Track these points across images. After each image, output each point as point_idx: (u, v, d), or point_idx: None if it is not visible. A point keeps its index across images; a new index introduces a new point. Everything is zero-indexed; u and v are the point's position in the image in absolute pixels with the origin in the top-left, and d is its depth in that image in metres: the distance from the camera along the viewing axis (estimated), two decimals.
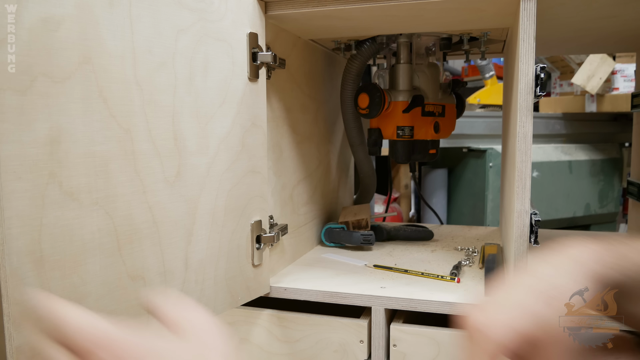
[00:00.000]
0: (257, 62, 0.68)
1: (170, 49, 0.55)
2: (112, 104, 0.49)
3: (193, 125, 0.59)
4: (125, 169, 0.51)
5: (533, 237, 0.61)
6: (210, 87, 0.61)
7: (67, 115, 0.45)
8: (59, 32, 0.44)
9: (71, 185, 0.46)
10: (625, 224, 2.24)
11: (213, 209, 0.63)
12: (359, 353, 0.70)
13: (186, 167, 0.58)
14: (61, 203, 0.45)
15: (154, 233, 0.55)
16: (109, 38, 0.49)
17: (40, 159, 0.43)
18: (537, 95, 0.59)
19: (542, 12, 0.66)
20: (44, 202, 0.44)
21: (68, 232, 0.46)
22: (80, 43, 0.46)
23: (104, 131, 0.49)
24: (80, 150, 0.47)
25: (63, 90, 0.45)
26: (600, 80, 1.95)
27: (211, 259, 0.63)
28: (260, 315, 0.74)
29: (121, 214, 0.51)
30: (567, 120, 2.11)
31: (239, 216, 0.67)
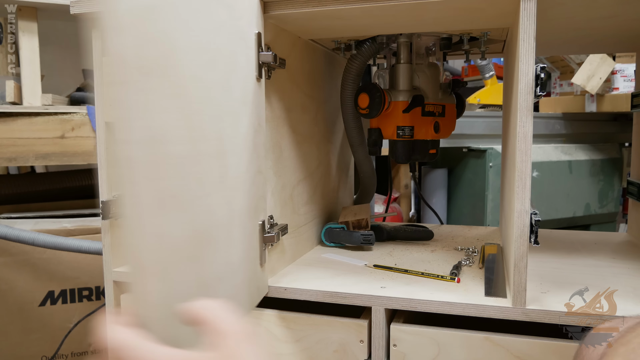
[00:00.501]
0: (259, 62, 0.68)
1: (214, 45, 0.54)
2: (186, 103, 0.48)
3: (229, 125, 0.58)
4: (193, 170, 0.50)
5: (533, 237, 0.61)
6: (237, 86, 0.61)
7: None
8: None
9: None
10: (625, 224, 2.24)
11: (240, 210, 0.63)
12: (359, 353, 0.70)
13: (226, 168, 0.58)
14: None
15: (213, 237, 0.54)
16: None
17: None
18: (537, 95, 0.59)
19: (542, 12, 0.66)
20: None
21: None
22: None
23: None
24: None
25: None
26: (600, 80, 1.95)
27: (242, 262, 0.63)
28: (260, 315, 0.74)
29: (197, 218, 0.50)
30: (567, 120, 2.11)
31: (253, 217, 0.68)
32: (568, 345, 0.61)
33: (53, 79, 1.73)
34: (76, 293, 1.29)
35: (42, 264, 1.25)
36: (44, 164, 1.28)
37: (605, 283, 0.72)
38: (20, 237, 1.12)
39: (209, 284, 0.52)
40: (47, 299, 1.26)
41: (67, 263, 1.27)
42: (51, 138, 1.26)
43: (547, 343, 0.62)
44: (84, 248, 1.10)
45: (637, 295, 0.68)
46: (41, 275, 1.25)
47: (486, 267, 0.79)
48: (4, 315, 1.23)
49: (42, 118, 1.26)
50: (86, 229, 1.27)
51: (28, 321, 1.25)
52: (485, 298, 0.67)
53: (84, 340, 1.29)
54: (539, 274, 0.77)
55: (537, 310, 0.63)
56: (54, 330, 1.26)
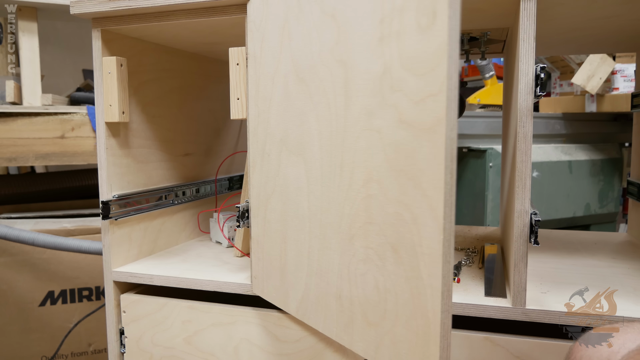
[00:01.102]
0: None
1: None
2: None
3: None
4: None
5: (533, 237, 0.61)
6: None
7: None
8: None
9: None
10: (625, 224, 2.24)
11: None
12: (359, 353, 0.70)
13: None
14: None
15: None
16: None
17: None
18: (537, 95, 0.59)
19: (542, 12, 0.66)
20: None
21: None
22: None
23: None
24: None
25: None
26: (600, 80, 1.95)
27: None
28: (260, 315, 0.74)
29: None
30: (567, 120, 2.11)
31: None
32: (568, 345, 0.61)
33: (53, 79, 1.73)
34: (76, 293, 1.29)
35: (42, 264, 1.25)
36: (44, 164, 1.28)
37: (605, 283, 0.72)
38: (20, 237, 1.12)
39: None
40: (47, 299, 1.26)
41: (67, 263, 1.27)
42: (51, 138, 1.26)
43: (547, 343, 0.62)
44: (84, 248, 1.10)
45: (637, 295, 0.68)
46: (41, 275, 1.25)
47: (486, 267, 0.79)
48: (4, 315, 1.23)
49: (42, 118, 1.26)
50: (86, 229, 1.27)
51: (28, 321, 1.25)
52: (485, 298, 0.67)
53: (84, 340, 1.29)
54: (539, 274, 0.77)
55: (537, 310, 0.63)
56: (54, 330, 1.26)
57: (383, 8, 0.49)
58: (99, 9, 0.75)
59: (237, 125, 1.21)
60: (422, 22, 0.45)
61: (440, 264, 0.44)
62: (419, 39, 0.45)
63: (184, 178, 1.02)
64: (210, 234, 1.05)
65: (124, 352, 0.83)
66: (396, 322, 0.50)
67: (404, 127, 0.47)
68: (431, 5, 0.43)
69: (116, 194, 0.82)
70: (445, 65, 0.42)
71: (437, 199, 0.44)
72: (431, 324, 0.45)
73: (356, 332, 0.55)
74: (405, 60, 0.47)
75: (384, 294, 0.51)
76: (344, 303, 0.57)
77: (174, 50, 0.97)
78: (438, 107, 0.43)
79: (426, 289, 0.46)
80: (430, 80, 0.44)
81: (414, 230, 0.47)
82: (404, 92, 0.47)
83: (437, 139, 0.44)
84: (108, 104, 0.79)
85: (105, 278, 0.83)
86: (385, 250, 0.50)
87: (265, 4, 0.66)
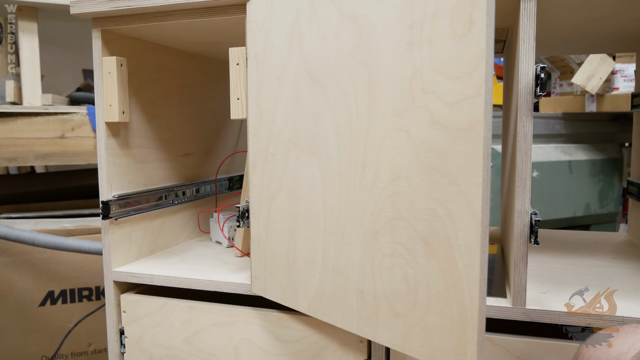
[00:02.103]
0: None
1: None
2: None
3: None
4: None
5: (533, 237, 0.61)
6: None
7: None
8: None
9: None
10: (625, 224, 2.24)
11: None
12: (359, 353, 0.70)
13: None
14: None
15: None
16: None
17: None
18: (537, 95, 0.59)
19: (542, 12, 0.66)
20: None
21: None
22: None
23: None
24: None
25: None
26: (600, 80, 1.95)
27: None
28: (260, 315, 0.74)
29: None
30: (567, 120, 2.11)
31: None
32: (568, 345, 0.61)
33: (53, 79, 1.73)
34: (76, 293, 1.29)
35: (42, 264, 1.25)
36: (44, 164, 1.28)
37: (605, 283, 0.72)
38: (20, 237, 1.12)
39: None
40: (47, 299, 1.26)
41: (67, 263, 1.27)
42: (51, 138, 1.27)
43: (547, 343, 0.62)
44: (84, 248, 1.10)
45: (637, 295, 0.68)
46: (41, 275, 1.25)
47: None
48: (4, 315, 1.23)
49: (42, 118, 1.26)
50: (86, 229, 1.27)
51: (28, 321, 1.25)
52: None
53: (84, 340, 1.29)
54: (539, 274, 0.77)
55: (537, 310, 0.63)
56: (54, 330, 1.26)
57: (412, 14, 0.51)
58: (99, 9, 0.75)
59: (237, 125, 1.21)
60: (457, 29, 0.47)
61: (478, 255, 0.47)
62: (454, 45, 0.47)
63: (184, 178, 1.02)
64: (210, 234, 1.05)
65: (124, 352, 0.83)
66: (428, 311, 0.52)
67: (437, 128, 0.49)
68: (467, 14, 0.46)
69: (116, 194, 0.82)
70: (483, 70, 0.45)
71: (474, 195, 0.46)
72: (468, 311, 0.48)
73: (381, 324, 0.57)
74: (438, 65, 0.49)
75: (414, 285, 0.53)
76: (366, 297, 0.58)
77: (174, 50, 0.97)
78: (476, 109, 0.46)
79: (462, 279, 0.48)
80: (467, 84, 0.46)
81: (448, 224, 0.49)
82: (437, 95, 0.49)
83: (474, 138, 0.46)
84: (108, 104, 0.79)
85: (105, 278, 0.83)
86: (416, 245, 0.52)
87: (269, 4, 0.66)
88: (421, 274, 0.52)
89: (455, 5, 0.47)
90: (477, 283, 0.47)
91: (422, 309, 0.53)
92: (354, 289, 0.59)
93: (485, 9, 0.45)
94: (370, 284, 0.58)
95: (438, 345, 0.51)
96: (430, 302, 0.52)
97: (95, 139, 1.07)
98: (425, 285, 0.52)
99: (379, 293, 0.57)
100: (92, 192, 1.49)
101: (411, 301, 0.54)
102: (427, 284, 0.52)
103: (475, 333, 0.48)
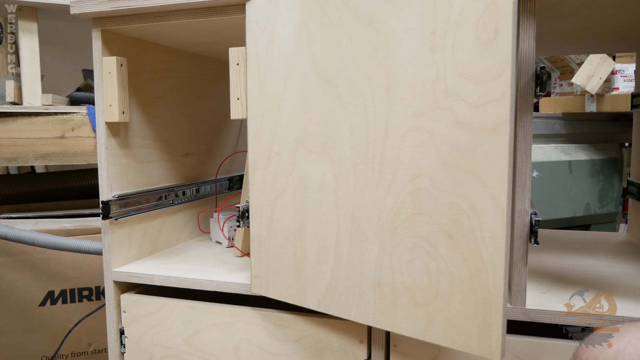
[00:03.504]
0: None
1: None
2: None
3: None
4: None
5: (533, 237, 0.61)
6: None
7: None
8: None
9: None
10: (625, 224, 2.24)
11: None
12: (359, 353, 0.70)
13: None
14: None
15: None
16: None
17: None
18: (537, 95, 0.59)
19: (542, 12, 0.66)
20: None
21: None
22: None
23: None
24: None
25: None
26: (600, 80, 1.95)
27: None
28: (260, 315, 0.74)
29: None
30: (567, 120, 2.11)
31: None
32: (568, 345, 0.61)
33: (53, 79, 1.73)
34: (76, 293, 1.29)
35: (42, 264, 1.25)
36: (44, 164, 1.28)
37: (605, 283, 0.72)
38: (20, 237, 1.12)
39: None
40: (47, 299, 1.26)
41: (67, 263, 1.27)
42: (51, 138, 1.27)
43: (547, 343, 0.62)
44: (84, 248, 1.10)
45: (637, 295, 0.68)
46: (41, 275, 1.25)
47: None
48: (4, 315, 1.23)
49: (42, 118, 1.26)
50: (86, 229, 1.27)
51: (28, 321, 1.25)
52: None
53: (84, 340, 1.29)
54: (539, 274, 0.77)
55: (537, 310, 0.63)
56: (54, 330, 1.26)
57: (435, 21, 0.54)
58: (99, 9, 0.75)
59: (237, 125, 1.21)
60: (482, 37, 0.51)
61: (503, 244, 0.51)
62: (479, 51, 0.51)
63: (184, 178, 1.02)
64: (210, 234, 1.05)
65: (124, 352, 0.83)
66: (451, 299, 0.55)
67: (461, 128, 0.53)
68: (493, 23, 0.50)
69: (116, 194, 0.82)
70: (509, 75, 0.49)
71: (500, 189, 0.50)
72: (493, 297, 0.52)
73: (400, 314, 0.59)
74: (462, 69, 0.52)
75: (437, 276, 0.56)
76: (384, 290, 0.60)
77: (174, 50, 0.97)
78: (502, 111, 0.50)
79: (487, 267, 0.52)
80: (493, 88, 0.50)
81: (472, 217, 0.52)
82: (461, 97, 0.52)
83: (499, 138, 0.50)
84: (108, 104, 0.79)
85: (105, 278, 0.83)
86: (438, 237, 0.55)
87: (272, 5, 0.66)
88: (444, 264, 0.55)
89: (480, 15, 0.50)
90: (502, 270, 0.51)
91: (445, 298, 0.55)
92: (371, 282, 0.61)
93: (512, 19, 0.49)
94: (389, 277, 0.59)
95: (461, 330, 0.54)
96: (454, 290, 0.55)
97: (95, 139, 1.07)
98: (448, 275, 0.55)
99: (398, 285, 0.59)
100: (92, 192, 1.49)
101: (433, 291, 0.56)
102: (450, 274, 0.55)
103: (500, 317, 0.52)
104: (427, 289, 0.57)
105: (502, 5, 0.49)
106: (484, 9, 0.50)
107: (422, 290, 0.57)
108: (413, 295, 0.58)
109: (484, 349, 0.53)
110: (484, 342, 0.53)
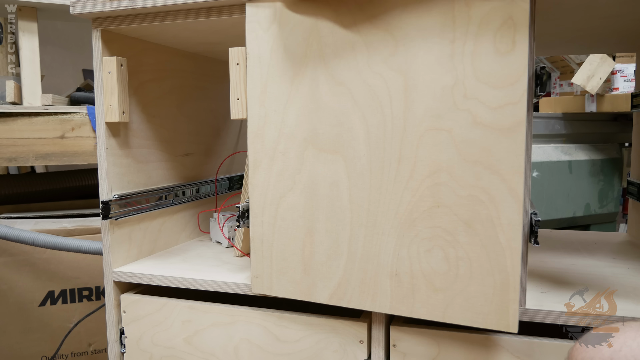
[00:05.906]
0: None
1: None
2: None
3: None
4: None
5: (533, 237, 0.61)
6: None
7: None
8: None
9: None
10: (625, 224, 2.24)
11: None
12: (359, 353, 0.70)
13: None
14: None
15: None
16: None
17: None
18: (537, 95, 0.59)
19: (542, 12, 0.66)
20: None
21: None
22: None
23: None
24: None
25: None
26: (600, 80, 1.95)
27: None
28: (260, 315, 0.74)
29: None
30: (567, 120, 2.11)
31: None
32: (568, 345, 0.61)
33: (53, 79, 1.73)
34: (76, 293, 1.29)
35: (42, 264, 1.25)
36: (44, 164, 1.28)
37: (605, 283, 0.72)
38: (20, 237, 1.12)
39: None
40: (47, 299, 1.26)
41: (67, 263, 1.27)
42: (51, 138, 1.27)
43: (547, 343, 0.62)
44: (84, 248, 1.10)
45: (637, 295, 0.68)
46: (41, 275, 1.25)
47: None
48: (4, 315, 1.23)
49: (42, 118, 1.26)
50: (86, 229, 1.27)
51: (28, 321, 1.25)
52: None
53: (84, 340, 1.29)
54: (539, 274, 0.77)
55: (537, 310, 0.63)
56: (54, 330, 1.26)
57: (455, 31, 0.58)
58: (99, 9, 0.75)
59: (237, 125, 1.21)
60: (500, 47, 0.56)
61: (520, 230, 0.57)
62: (497, 60, 0.57)
63: (184, 178, 1.02)
64: (210, 234, 1.05)
65: (124, 352, 0.83)
66: (470, 282, 0.60)
67: (480, 128, 0.58)
68: (510, 36, 0.56)
69: (116, 194, 0.82)
70: (525, 81, 0.56)
71: (516, 182, 0.57)
72: (510, 276, 0.58)
73: (418, 300, 0.63)
74: (481, 75, 0.57)
75: (456, 262, 0.61)
76: (402, 278, 0.64)
77: (174, 50, 0.97)
78: (519, 112, 0.56)
79: (505, 250, 0.58)
80: (510, 93, 0.56)
81: (491, 207, 0.58)
82: (480, 100, 0.58)
83: (516, 136, 0.56)
84: (108, 104, 0.79)
85: (105, 278, 0.83)
86: (457, 227, 0.60)
87: (276, 6, 0.66)
88: (463, 251, 0.60)
89: (498, 28, 0.56)
90: (519, 252, 0.57)
91: (464, 281, 0.60)
92: (387, 273, 0.64)
93: (528, 32, 0.54)
94: (407, 267, 0.63)
95: (480, 309, 0.60)
96: (473, 273, 0.60)
97: (95, 139, 1.07)
98: (467, 260, 0.60)
99: (416, 273, 0.63)
100: (92, 192, 1.49)
101: (452, 276, 0.61)
102: (469, 259, 0.60)
103: (517, 294, 0.58)
104: (446, 274, 0.61)
105: (519, 19, 0.55)
106: (502, 23, 0.56)
107: (441, 276, 0.61)
108: (432, 281, 0.62)
109: (502, 323, 0.59)
110: (502, 317, 0.58)
